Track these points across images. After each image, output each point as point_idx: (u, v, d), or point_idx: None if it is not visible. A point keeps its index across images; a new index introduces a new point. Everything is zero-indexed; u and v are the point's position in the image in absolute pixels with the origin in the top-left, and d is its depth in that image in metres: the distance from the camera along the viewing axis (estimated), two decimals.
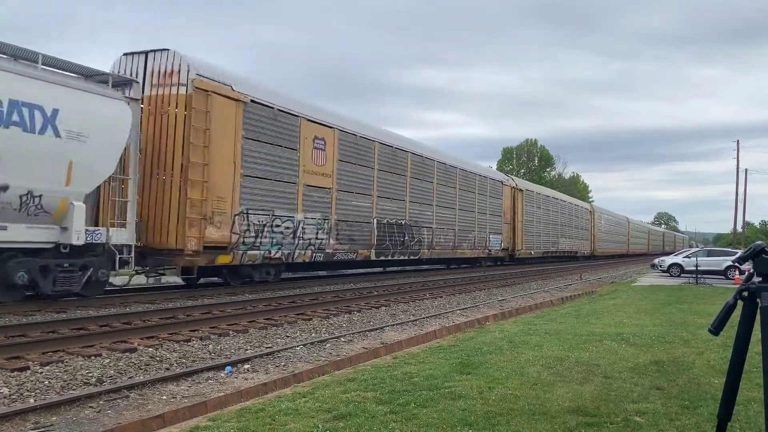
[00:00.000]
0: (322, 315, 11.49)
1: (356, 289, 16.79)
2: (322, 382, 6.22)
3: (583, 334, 9.29)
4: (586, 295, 17.85)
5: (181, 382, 6.22)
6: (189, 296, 13.61)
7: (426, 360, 7.30)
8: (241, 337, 8.93)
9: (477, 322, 11.23)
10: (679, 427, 4.67)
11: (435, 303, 14.41)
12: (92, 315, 10.18)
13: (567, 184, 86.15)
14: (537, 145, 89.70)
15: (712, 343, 8.20)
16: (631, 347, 8.24)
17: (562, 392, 5.64)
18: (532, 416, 4.84)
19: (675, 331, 9.84)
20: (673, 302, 15.06)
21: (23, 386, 5.77)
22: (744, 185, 71.95)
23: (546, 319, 11.53)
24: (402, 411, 4.97)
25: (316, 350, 8.12)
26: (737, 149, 58.72)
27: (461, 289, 18.12)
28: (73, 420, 4.88)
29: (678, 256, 31.92)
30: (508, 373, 6.47)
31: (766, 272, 2.79)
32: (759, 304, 2.77)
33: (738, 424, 4.65)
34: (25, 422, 4.79)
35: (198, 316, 10.56)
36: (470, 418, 4.78)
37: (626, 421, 4.77)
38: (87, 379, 6.15)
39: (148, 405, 5.37)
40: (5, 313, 10.09)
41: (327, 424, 4.65)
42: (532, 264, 39.02)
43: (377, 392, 5.63)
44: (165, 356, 7.40)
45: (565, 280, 25.09)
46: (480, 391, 5.63)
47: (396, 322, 10.98)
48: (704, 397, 5.51)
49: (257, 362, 7.26)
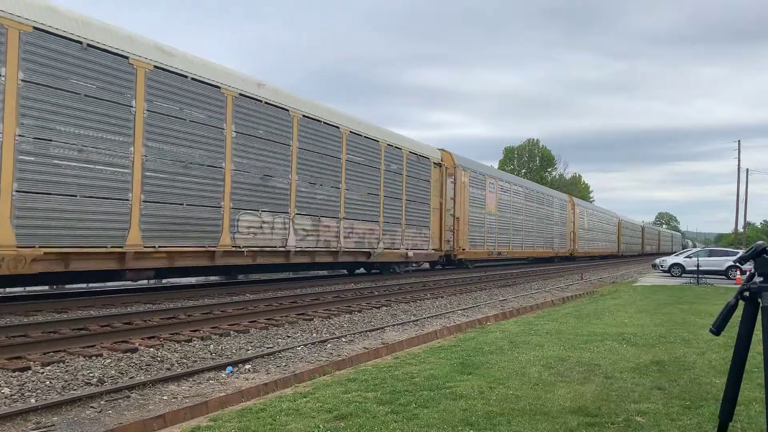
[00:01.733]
0: (323, 315, 11.49)
1: (357, 289, 16.79)
2: (323, 383, 6.22)
3: (584, 334, 9.29)
4: (587, 295, 17.84)
5: (183, 382, 6.22)
6: (190, 296, 13.63)
7: (427, 360, 7.30)
8: (242, 337, 8.93)
9: (478, 322, 11.23)
10: (681, 427, 4.66)
11: (436, 303, 14.40)
12: (93, 315, 10.18)
13: (568, 185, 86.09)
14: (538, 145, 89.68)
15: (714, 343, 8.19)
16: (633, 347, 8.23)
17: (563, 392, 5.64)
18: (533, 416, 4.84)
19: (676, 331, 9.83)
20: (674, 302, 15.05)
21: (24, 386, 5.78)
22: (745, 185, 72.13)
23: (547, 319, 11.53)
24: (403, 411, 4.97)
25: (317, 350, 8.12)
26: (738, 149, 58.71)
27: (462, 289, 18.12)
28: (74, 420, 4.88)
29: (679, 256, 31.90)
30: (509, 373, 6.47)
31: (767, 272, 2.79)
32: (760, 304, 2.78)
33: (739, 424, 4.64)
34: (27, 422, 4.79)
35: (199, 316, 10.56)
36: (471, 418, 4.78)
37: (627, 421, 4.77)
38: (88, 379, 6.16)
39: (149, 405, 5.37)
40: (6, 313, 10.11)
41: (328, 424, 4.65)
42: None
43: (378, 392, 5.63)
44: (166, 356, 7.41)
45: (566, 280, 25.07)
46: (481, 391, 5.63)
47: (397, 322, 10.97)
48: (705, 397, 5.50)
49: (258, 362, 7.26)
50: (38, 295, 13.16)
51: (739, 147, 58.82)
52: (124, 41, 12.16)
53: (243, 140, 15.15)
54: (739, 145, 58.94)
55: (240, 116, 15.04)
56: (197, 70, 13.87)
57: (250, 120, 15.42)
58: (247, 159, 15.25)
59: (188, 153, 13.50)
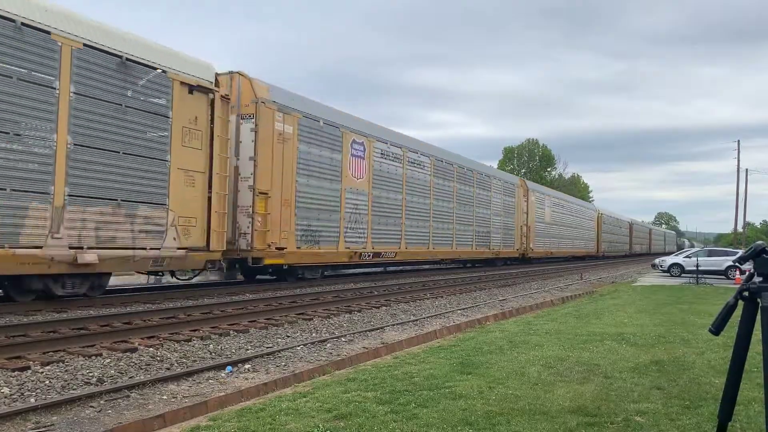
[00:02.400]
0: (323, 315, 11.49)
1: (357, 289, 16.79)
2: (322, 382, 6.22)
3: (583, 334, 9.29)
4: (587, 295, 17.85)
5: (182, 382, 6.22)
6: (189, 296, 13.63)
7: (426, 360, 7.30)
8: (242, 337, 8.93)
9: (477, 321, 11.23)
10: (680, 427, 4.66)
11: (435, 303, 14.41)
12: (93, 315, 10.18)
13: (567, 184, 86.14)
14: (538, 144, 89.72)
15: (713, 343, 8.20)
16: (632, 347, 8.24)
17: (563, 392, 5.64)
18: (532, 416, 4.84)
19: (675, 331, 9.84)
20: (673, 302, 15.06)
21: (24, 386, 5.78)
22: (745, 185, 72.14)
23: (546, 318, 11.53)
24: (402, 411, 4.97)
25: (317, 350, 8.12)
26: (738, 149, 58.74)
27: (462, 289, 18.12)
28: (73, 420, 4.88)
29: (678, 256, 31.92)
30: (509, 372, 6.47)
31: (766, 272, 2.79)
32: (759, 304, 2.78)
33: (739, 424, 4.65)
34: (26, 422, 4.79)
35: (199, 316, 10.56)
36: (471, 417, 4.78)
37: (627, 421, 4.77)
38: (88, 378, 6.15)
39: (149, 405, 5.37)
40: (6, 312, 10.10)
41: (327, 423, 4.65)
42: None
43: (378, 392, 5.63)
44: (166, 356, 7.40)
45: (566, 280, 25.08)
46: (480, 391, 5.63)
47: (396, 321, 10.97)
48: (705, 397, 5.50)
49: (258, 362, 7.26)
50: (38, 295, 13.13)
51: (738, 147, 58.89)
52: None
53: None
54: (739, 145, 59.02)
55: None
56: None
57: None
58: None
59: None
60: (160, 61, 12.82)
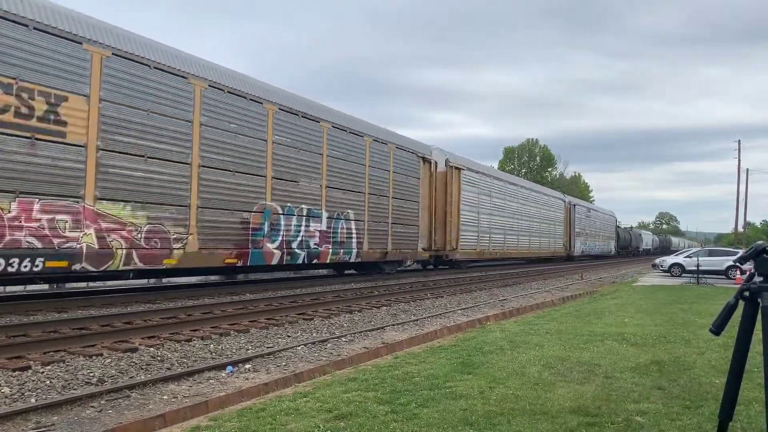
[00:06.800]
0: (324, 315, 11.49)
1: (357, 289, 16.80)
2: (323, 382, 6.23)
3: (584, 334, 9.29)
4: (587, 295, 17.85)
5: (183, 382, 6.22)
6: (190, 296, 13.63)
7: (427, 360, 7.30)
8: (243, 337, 8.93)
9: (478, 321, 11.23)
10: (681, 427, 4.66)
11: (436, 303, 14.41)
12: (93, 315, 10.19)
13: (568, 184, 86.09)
14: (539, 144, 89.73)
15: (713, 343, 8.19)
16: (632, 347, 8.24)
17: (563, 392, 5.64)
18: (533, 416, 4.84)
19: (676, 331, 9.83)
20: (674, 302, 15.05)
21: (24, 386, 5.78)
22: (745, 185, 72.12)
23: (547, 318, 11.53)
24: (403, 411, 4.97)
25: (317, 350, 8.12)
26: (738, 149, 58.70)
27: (462, 289, 18.12)
28: (74, 420, 4.88)
29: (679, 256, 31.91)
30: (509, 372, 6.47)
31: (767, 272, 2.79)
32: (760, 303, 2.78)
33: (739, 424, 4.64)
34: (27, 422, 4.79)
35: (199, 315, 10.57)
36: (471, 417, 4.78)
37: (627, 421, 4.77)
38: (88, 378, 6.16)
39: (150, 405, 5.37)
40: (6, 312, 10.11)
41: (328, 423, 4.65)
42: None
43: (378, 392, 5.63)
44: (166, 356, 7.41)
45: (566, 280, 25.09)
46: (481, 391, 5.63)
47: (397, 321, 10.98)
48: (705, 397, 5.50)
49: (258, 362, 7.26)
50: (38, 295, 13.17)
51: (739, 147, 58.79)
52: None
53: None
54: (739, 145, 58.92)
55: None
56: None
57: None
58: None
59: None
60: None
